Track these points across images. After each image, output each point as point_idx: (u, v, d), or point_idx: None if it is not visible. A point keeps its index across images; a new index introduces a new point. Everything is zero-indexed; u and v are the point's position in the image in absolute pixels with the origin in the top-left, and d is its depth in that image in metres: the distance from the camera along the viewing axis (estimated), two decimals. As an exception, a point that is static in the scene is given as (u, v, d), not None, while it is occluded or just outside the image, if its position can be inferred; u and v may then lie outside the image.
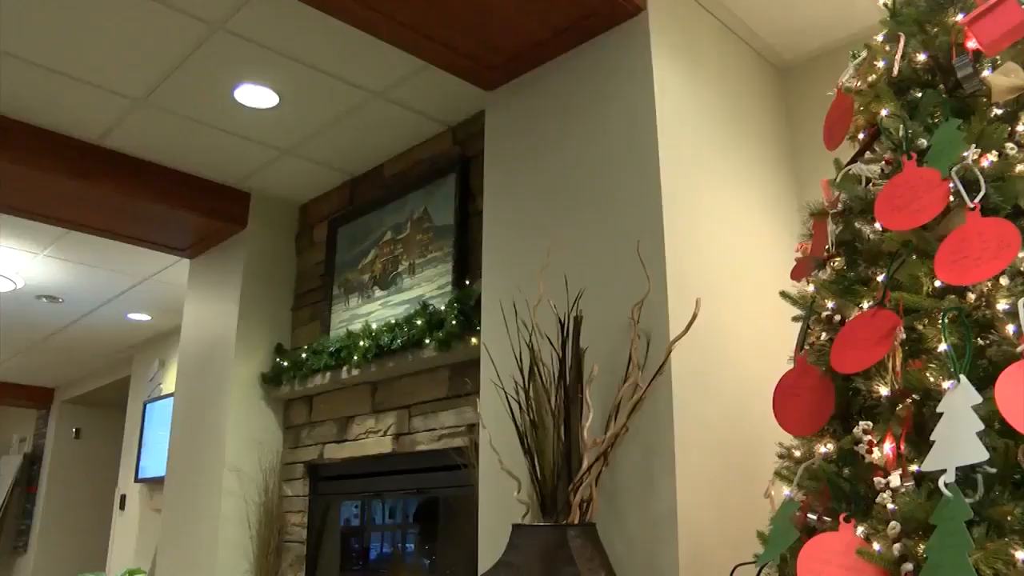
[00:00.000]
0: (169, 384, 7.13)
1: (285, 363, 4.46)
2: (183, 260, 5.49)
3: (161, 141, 4.23)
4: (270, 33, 3.33)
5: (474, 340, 3.31)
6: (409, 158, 4.29)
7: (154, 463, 6.92)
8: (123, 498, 7.91)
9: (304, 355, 4.32)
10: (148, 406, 7.41)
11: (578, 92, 2.98)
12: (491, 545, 2.73)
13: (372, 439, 4.00)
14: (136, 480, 7.39)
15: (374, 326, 3.91)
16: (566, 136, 2.98)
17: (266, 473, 4.48)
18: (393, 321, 3.79)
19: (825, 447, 1.80)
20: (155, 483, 6.98)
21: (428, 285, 3.87)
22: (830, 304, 1.93)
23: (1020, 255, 1.62)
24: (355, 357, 3.91)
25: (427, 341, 3.54)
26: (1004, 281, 1.62)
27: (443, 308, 3.54)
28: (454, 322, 3.41)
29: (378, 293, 4.18)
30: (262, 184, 4.75)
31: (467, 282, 3.60)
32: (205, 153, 4.36)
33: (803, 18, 3.27)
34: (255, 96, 3.77)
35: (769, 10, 3.21)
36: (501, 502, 2.74)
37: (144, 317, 7.31)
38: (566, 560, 2.28)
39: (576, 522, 2.36)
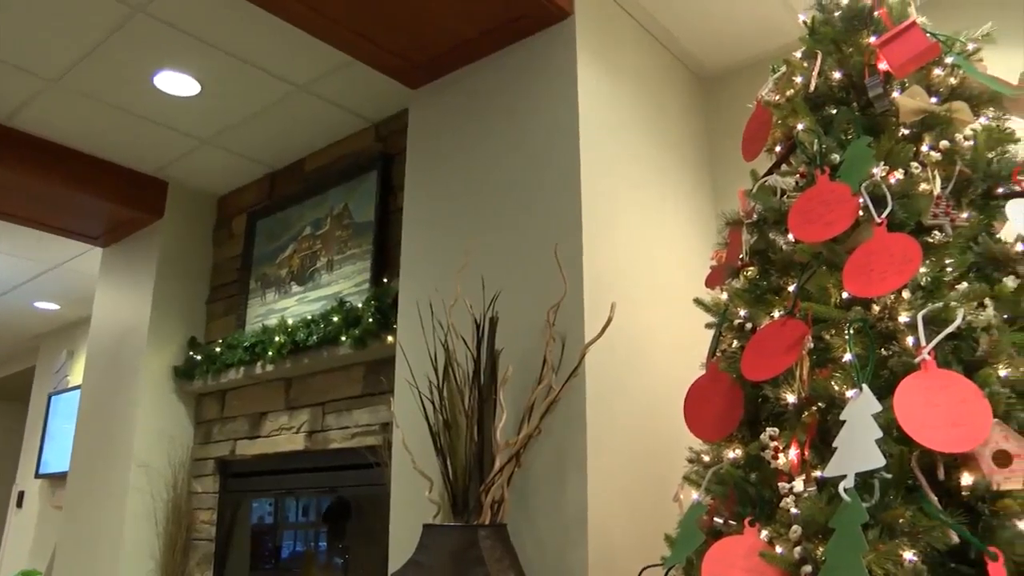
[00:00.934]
0: (77, 376, 6.92)
1: (198, 357, 4.37)
2: (95, 248, 5.34)
3: (75, 125, 4.10)
4: (193, 19, 3.25)
5: (390, 338, 3.29)
6: (331, 153, 4.25)
7: (57, 458, 6.70)
8: (21, 495, 7.63)
9: (218, 349, 4.24)
10: (53, 398, 7.17)
11: (502, 93, 2.99)
12: (402, 545, 2.72)
13: (285, 436, 3.94)
14: (37, 476, 7.12)
15: (290, 322, 3.86)
16: (488, 137, 2.98)
17: (175, 469, 4.38)
18: (309, 317, 3.75)
19: (733, 452, 1.84)
20: (57, 479, 6.75)
21: (346, 282, 3.83)
22: (742, 312, 1.97)
23: (921, 270, 1.68)
24: (270, 353, 3.86)
25: (343, 338, 3.52)
26: (906, 294, 1.68)
27: (360, 306, 3.52)
28: (370, 320, 3.38)
29: (295, 288, 4.13)
30: (180, 174, 4.65)
31: (385, 280, 3.57)
32: (121, 139, 4.24)
33: (727, 30, 3.33)
34: (176, 83, 3.69)
35: (694, 21, 3.26)
36: (413, 502, 2.73)
37: (52, 306, 7.08)
38: (476, 560, 2.28)
39: (487, 523, 2.37)
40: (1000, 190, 1.89)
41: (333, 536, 3.84)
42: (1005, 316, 1.66)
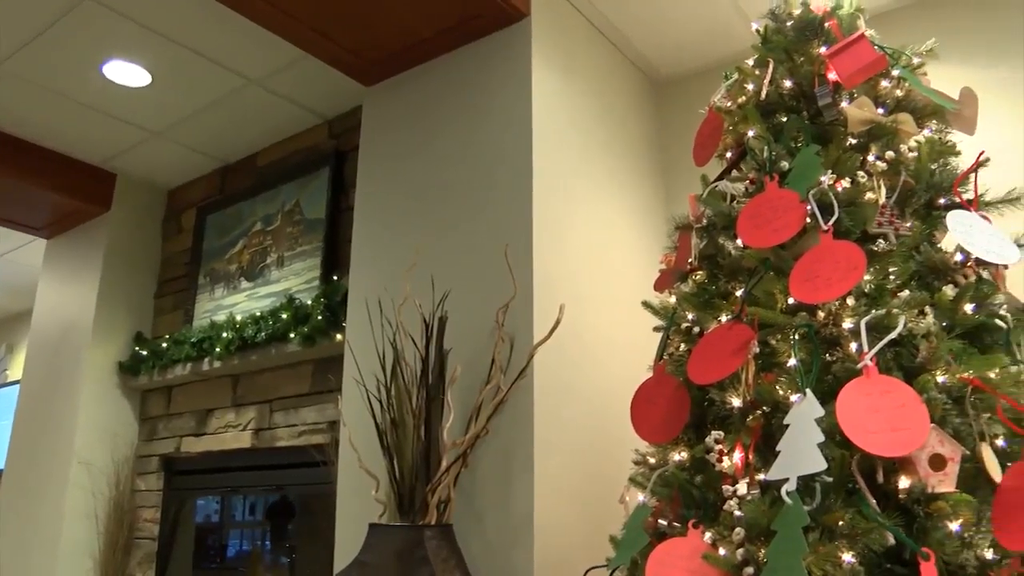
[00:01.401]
0: (16, 371, 6.76)
1: (144, 352, 4.29)
2: (38, 240, 5.21)
3: (17, 112, 3.99)
4: (145, 8, 3.19)
5: (339, 336, 3.28)
6: (283, 149, 4.20)
7: (-7, 455, 6.54)
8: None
9: (165, 344, 4.17)
10: (-10, 393, 7.01)
11: (457, 93, 2.99)
12: (348, 544, 2.70)
13: (231, 433, 3.89)
14: (-30, 473, 6.95)
15: (239, 318, 3.82)
16: (442, 136, 2.98)
17: (118, 466, 4.30)
18: (258, 314, 3.70)
19: (679, 455, 1.86)
20: (-8, 476, 6.59)
21: (296, 279, 3.80)
22: (690, 316, 1.99)
23: (866, 277, 1.71)
24: (217, 349, 3.81)
25: (292, 335, 3.49)
26: (850, 301, 1.71)
27: (309, 303, 3.49)
28: (320, 317, 3.36)
29: (244, 284, 4.08)
30: (129, 166, 4.56)
31: (335, 278, 3.55)
32: (68, 129, 4.14)
33: (682, 36, 3.36)
34: (126, 73, 3.61)
35: (650, 26, 3.29)
36: (359, 501, 2.71)
37: (-10, 299, 6.92)
38: (421, 560, 2.28)
39: (433, 523, 2.36)
40: (942, 201, 1.93)
41: (279, 535, 3.80)
42: (944, 324, 1.70)
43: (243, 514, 3.99)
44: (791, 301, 1.77)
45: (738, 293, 1.91)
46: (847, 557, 1.43)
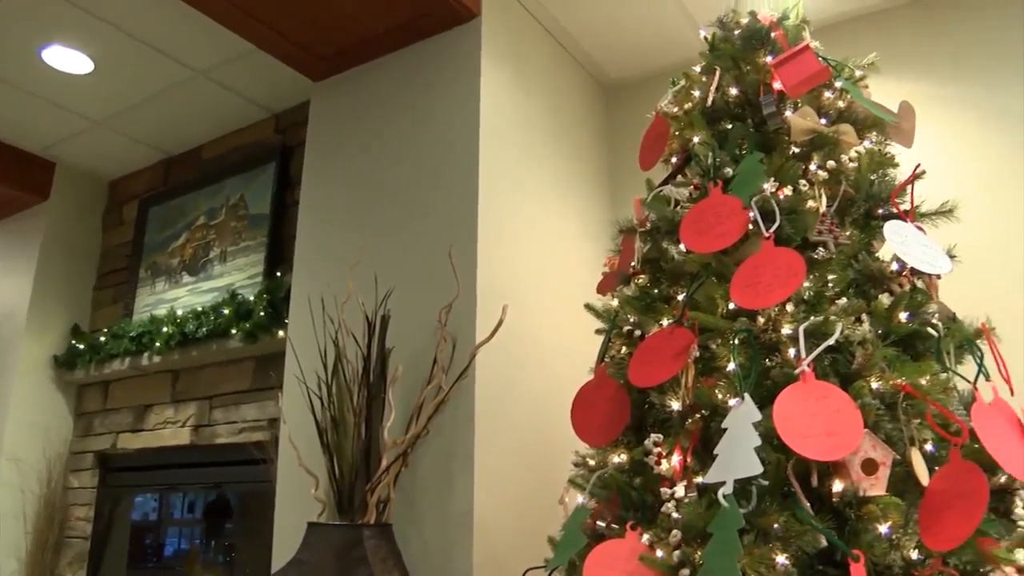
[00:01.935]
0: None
1: (81, 346, 4.20)
2: (-29, 228, 5.08)
3: (-49, 96, 3.89)
4: (88, -6, 3.13)
5: (281, 333, 3.24)
6: (229, 142, 4.15)
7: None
8: None
9: (103, 338, 4.09)
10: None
11: (405, 91, 2.98)
12: (287, 543, 2.67)
13: (170, 430, 3.83)
14: None
15: (180, 312, 3.76)
16: (389, 134, 2.97)
17: (50, 462, 4.18)
18: (200, 309, 3.66)
19: (618, 457, 1.87)
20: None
21: (239, 274, 3.76)
22: (632, 319, 2.01)
23: (805, 284, 1.74)
24: (157, 344, 3.74)
25: (233, 331, 3.45)
26: (790, 307, 1.73)
27: (252, 298, 3.45)
28: (262, 313, 3.33)
29: (187, 279, 4.02)
30: (69, 155, 4.45)
31: (279, 274, 3.51)
32: (4, 115, 4.02)
33: (632, 41, 3.38)
34: (67, 60, 3.53)
35: (601, 30, 3.30)
36: (299, 499, 2.69)
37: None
38: (360, 560, 2.26)
39: (372, 522, 2.35)
40: (880, 211, 1.97)
41: (218, 533, 3.75)
42: (879, 331, 1.73)
43: (182, 512, 3.92)
44: (731, 306, 1.79)
45: (680, 297, 1.93)
46: (781, 559, 1.45)
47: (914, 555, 1.49)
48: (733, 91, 2.17)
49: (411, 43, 3.03)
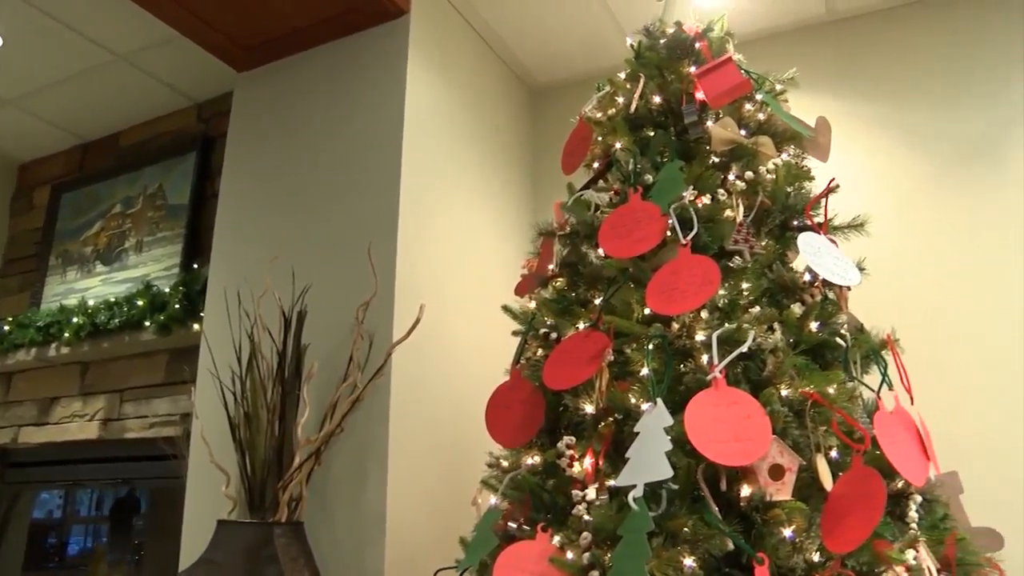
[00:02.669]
0: None
1: (-17, 335, 4.05)
2: None
3: None
4: (-2, -33, 3.02)
5: (196, 326, 3.18)
6: (149, 129, 4.05)
7: None
8: None
9: (7, 327, 3.94)
10: None
11: (330, 86, 2.95)
12: (196, 541, 2.61)
13: (77, 424, 3.71)
14: None
15: (91, 303, 3.65)
16: (312, 128, 2.94)
17: (-58, 457, 4.02)
18: (113, 299, 3.55)
19: (531, 459, 1.87)
20: None
21: (155, 265, 3.67)
22: (549, 322, 2.01)
23: (720, 292, 1.77)
24: (66, 334, 3.62)
25: (147, 323, 3.36)
26: (704, 314, 1.75)
27: (168, 290, 3.38)
28: (177, 306, 3.25)
29: (100, 268, 3.91)
30: (-26, 135, 4.29)
31: (196, 266, 3.44)
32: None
33: (560, 45, 3.40)
34: (-28, 34, 3.39)
35: (530, 34, 3.32)
36: (209, 497, 2.64)
37: None
38: (270, 559, 2.23)
39: (284, 520, 2.31)
40: (795, 223, 2.01)
41: (125, 531, 3.65)
42: (790, 340, 1.76)
43: (88, 509, 3.80)
44: (647, 311, 1.80)
45: (596, 301, 1.94)
46: (688, 561, 1.47)
47: (816, 557, 1.52)
48: (656, 99, 2.19)
49: (338, 37, 3.00)
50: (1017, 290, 2.63)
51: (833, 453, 1.65)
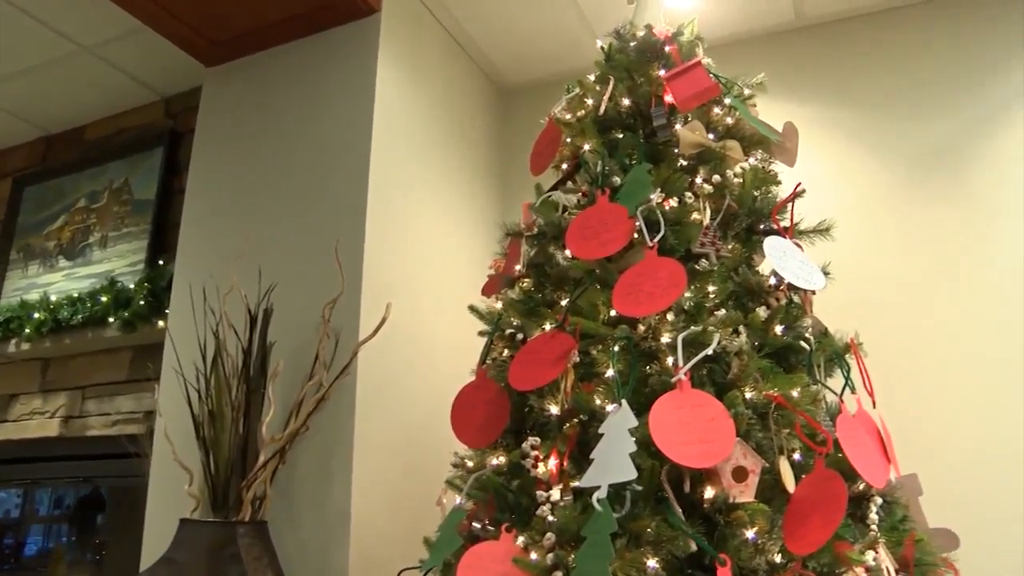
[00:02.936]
0: None
1: (-60, 330, 3.98)
2: None
3: None
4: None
5: (161, 323, 3.15)
6: (115, 123, 4.00)
7: None
8: None
9: (-34, 322, 3.88)
10: None
11: (300, 82, 2.93)
12: (158, 540, 2.58)
13: (37, 421, 3.66)
14: None
15: (54, 298, 3.60)
16: (281, 125, 2.92)
17: None
18: (76, 295, 3.51)
19: (496, 459, 1.86)
20: None
21: (119, 261, 3.63)
22: (515, 322, 2.01)
23: (686, 295, 1.77)
24: (27, 330, 3.57)
25: (111, 319, 3.33)
26: (670, 317, 1.76)
27: (132, 286, 3.34)
28: (142, 302, 3.22)
29: (63, 263, 3.86)
30: (-67, 123, 4.20)
31: (161, 262, 3.41)
32: None
33: (531, 46, 3.40)
34: (-69, 20, 3.31)
35: (501, 34, 3.32)
36: (172, 496, 2.61)
37: None
38: (233, 558, 2.21)
39: (247, 519, 2.30)
40: (761, 226, 2.03)
41: (86, 531, 3.60)
42: (755, 343, 1.78)
43: (48, 508, 3.74)
44: (613, 313, 1.80)
45: (563, 302, 1.94)
46: (651, 563, 1.47)
47: (778, 559, 1.53)
48: (626, 101, 2.20)
49: (309, 34, 2.99)
50: (979, 295, 2.67)
51: (796, 455, 1.66)
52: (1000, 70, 2.85)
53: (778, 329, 1.81)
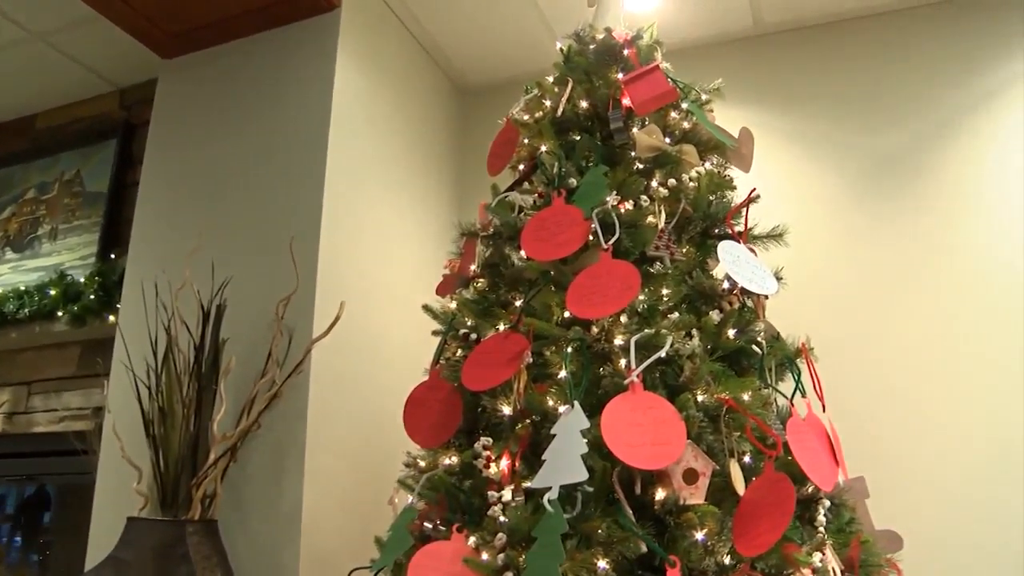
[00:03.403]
0: None
1: None
2: None
3: None
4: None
5: (112, 318, 3.10)
6: (68, 113, 3.93)
7: None
8: None
9: (-97, 315, 3.79)
10: None
11: (258, 77, 2.91)
12: (104, 539, 2.54)
13: (-20, 416, 3.59)
14: None
15: (0, 290, 3.53)
16: (238, 120, 2.90)
17: None
18: (23, 288, 3.45)
19: (448, 459, 1.86)
20: None
21: (70, 254, 3.57)
22: (469, 322, 2.01)
23: (640, 297, 1.78)
24: (-29, 323, 3.51)
25: (60, 314, 3.27)
26: (623, 319, 1.77)
27: (83, 280, 3.30)
28: (92, 296, 3.17)
29: (10, 255, 3.79)
30: None
31: (113, 256, 3.36)
32: None
33: (492, 46, 3.40)
34: None
35: (462, 34, 3.31)
36: (119, 494, 2.56)
37: None
38: (182, 558, 2.19)
39: (197, 518, 2.27)
40: (715, 231, 2.05)
41: (30, 530, 3.53)
42: (708, 346, 1.79)
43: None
44: (567, 315, 1.81)
45: (517, 303, 1.94)
46: (602, 563, 1.48)
47: (727, 560, 1.54)
48: (584, 104, 2.20)
49: (267, 28, 2.96)
50: (928, 300, 2.72)
51: (746, 458, 1.67)
52: (948, 84, 2.90)
53: (731, 333, 1.82)
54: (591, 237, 1.86)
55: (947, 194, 2.80)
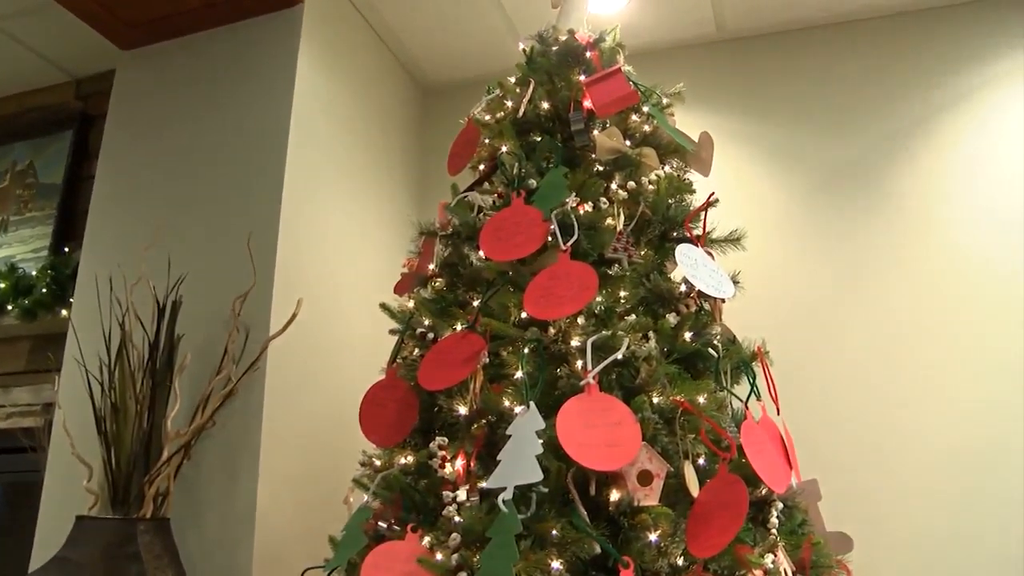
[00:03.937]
0: None
1: None
2: None
3: None
4: None
5: (65, 312, 3.06)
6: (20, 102, 3.86)
7: None
8: None
9: None
10: None
11: (218, 71, 2.89)
12: (52, 539, 2.49)
13: (-74, 412, 3.51)
14: None
15: (-53, 283, 3.46)
16: (197, 114, 2.87)
17: None
18: (-29, 280, 3.38)
19: (404, 459, 1.85)
20: None
21: (21, 246, 3.51)
22: (426, 322, 2.00)
23: (597, 299, 1.79)
24: (-84, 316, 3.43)
25: (10, 307, 3.22)
26: (581, 320, 1.77)
27: (35, 273, 3.24)
28: (44, 290, 3.12)
29: (-42, 247, 3.71)
30: None
31: (67, 250, 3.31)
32: None
33: (456, 46, 3.39)
34: None
35: (425, 33, 3.30)
36: (69, 492, 2.53)
37: None
38: (132, 557, 2.15)
39: (149, 516, 2.24)
40: (674, 234, 2.06)
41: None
42: (664, 349, 1.80)
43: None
44: (524, 315, 1.81)
45: (475, 303, 1.94)
46: (556, 564, 1.48)
47: (680, 561, 1.55)
48: (545, 105, 2.21)
49: (229, 22, 2.94)
50: (884, 305, 2.76)
51: (701, 460, 1.68)
52: (905, 96, 2.95)
53: (687, 336, 1.83)
54: (550, 238, 1.86)
55: (902, 201, 2.85)
